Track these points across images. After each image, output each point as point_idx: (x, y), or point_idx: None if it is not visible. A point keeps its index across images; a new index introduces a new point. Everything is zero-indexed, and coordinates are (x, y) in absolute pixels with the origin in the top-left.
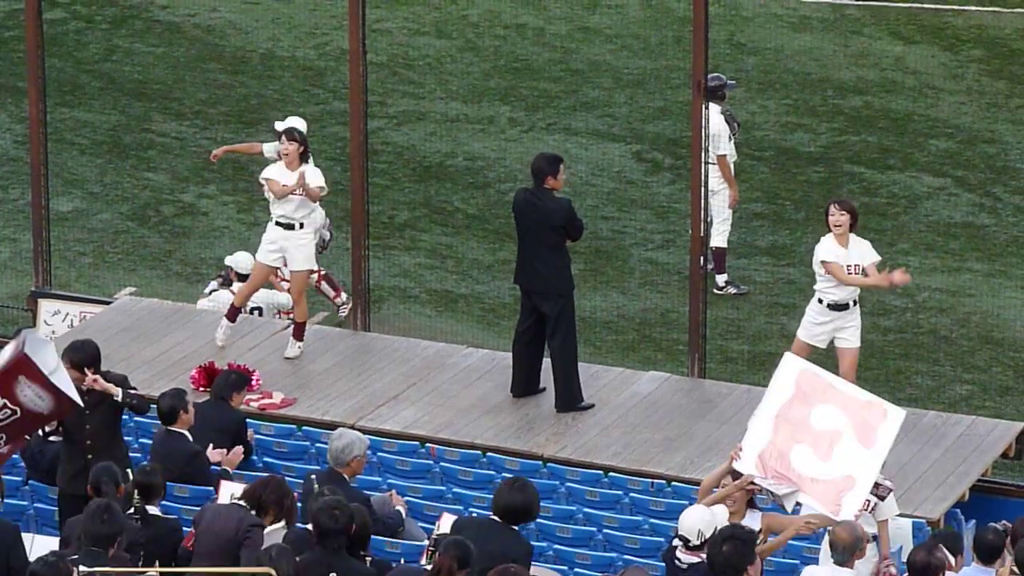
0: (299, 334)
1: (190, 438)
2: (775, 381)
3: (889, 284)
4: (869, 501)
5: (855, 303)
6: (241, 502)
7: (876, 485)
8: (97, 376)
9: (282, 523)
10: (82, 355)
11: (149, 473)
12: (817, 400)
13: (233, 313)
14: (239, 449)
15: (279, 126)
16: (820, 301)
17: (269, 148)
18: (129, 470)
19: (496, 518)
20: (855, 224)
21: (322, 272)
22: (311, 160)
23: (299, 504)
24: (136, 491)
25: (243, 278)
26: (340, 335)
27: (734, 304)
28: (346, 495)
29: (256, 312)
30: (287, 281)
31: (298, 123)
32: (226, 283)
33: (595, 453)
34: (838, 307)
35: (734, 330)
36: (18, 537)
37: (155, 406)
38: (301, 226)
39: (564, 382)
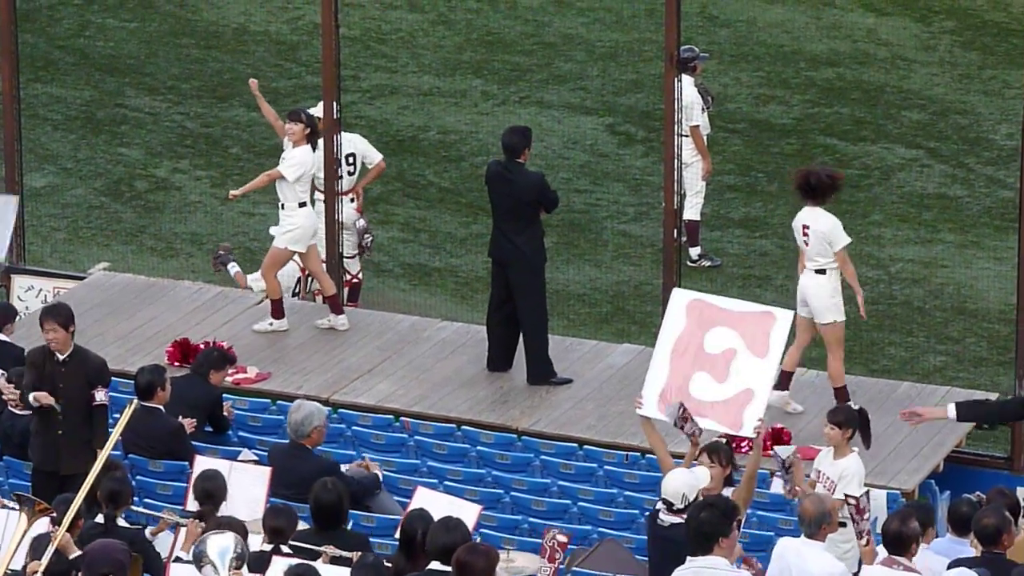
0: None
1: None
2: (666, 317)
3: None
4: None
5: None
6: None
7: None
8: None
9: None
10: (66, 313)
11: (119, 480)
12: (708, 325)
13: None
14: (192, 421)
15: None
16: None
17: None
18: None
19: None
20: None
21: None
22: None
23: None
24: (106, 499)
25: None
26: (314, 309)
27: (708, 276)
28: (310, 465)
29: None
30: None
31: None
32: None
33: (569, 426)
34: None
35: None
36: None
37: (132, 381)
38: (283, 207)
39: (535, 355)
